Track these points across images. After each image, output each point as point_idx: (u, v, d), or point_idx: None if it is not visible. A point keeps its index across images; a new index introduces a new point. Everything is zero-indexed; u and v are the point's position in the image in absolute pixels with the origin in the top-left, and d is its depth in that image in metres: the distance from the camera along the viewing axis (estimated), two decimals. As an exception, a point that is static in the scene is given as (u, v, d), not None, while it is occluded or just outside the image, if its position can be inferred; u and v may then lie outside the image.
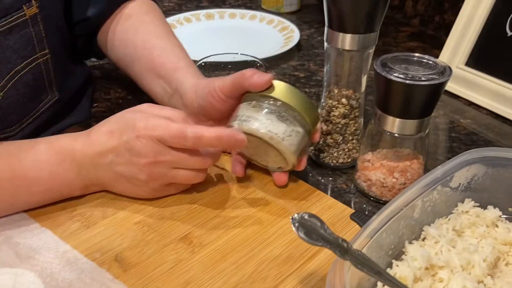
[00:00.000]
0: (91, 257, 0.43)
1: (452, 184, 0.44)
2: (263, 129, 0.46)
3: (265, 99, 0.47)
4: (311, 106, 0.48)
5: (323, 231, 0.32)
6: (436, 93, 0.46)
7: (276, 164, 0.51)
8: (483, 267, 0.39)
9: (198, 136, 0.44)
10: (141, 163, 0.45)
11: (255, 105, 0.47)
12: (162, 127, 0.45)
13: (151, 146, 0.45)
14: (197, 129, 0.44)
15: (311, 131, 0.49)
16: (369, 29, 0.50)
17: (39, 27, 0.52)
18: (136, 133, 0.45)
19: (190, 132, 0.44)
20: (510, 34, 0.67)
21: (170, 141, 0.45)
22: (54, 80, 0.57)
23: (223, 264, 0.43)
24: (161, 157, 0.45)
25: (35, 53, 0.53)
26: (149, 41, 0.60)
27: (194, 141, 0.44)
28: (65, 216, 0.47)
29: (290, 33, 0.89)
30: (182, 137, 0.44)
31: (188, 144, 0.45)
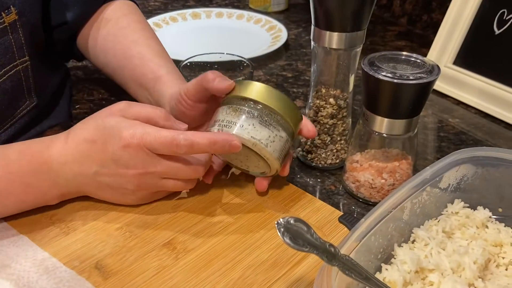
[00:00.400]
0: (70, 265, 0.41)
1: (441, 185, 0.43)
2: (245, 135, 0.44)
3: (246, 102, 0.45)
4: (293, 108, 0.46)
5: (309, 236, 0.31)
6: (425, 92, 0.45)
7: (258, 170, 0.49)
8: (474, 269, 0.38)
9: (190, 143, 0.42)
10: (130, 174, 0.43)
11: (236, 109, 0.45)
12: (152, 135, 0.42)
13: (140, 156, 0.42)
14: (189, 135, 0.42)
15: (294, 134, 0.48)
16: (356, 28, 0.49)
17: (18, 34, 0.50)
18: (123, 142, 0.42)
19: (182, 140, 0.42)
20: (497, 33, 0.67)
21: (161, 150, 0.42)
22: (33, 86, 0.55)
23: (208, 270, 0.42)
24: (150, 168, 0.43)
25: (14, 60, 0.51)
26: (128, 50, 0.58)
27: (187, 148, 0.42)
28: (44, 222, 0.46)
29: (278, 32, 0.88)
30: (174, 144, 0.42)
31: (181, 151, 0.42)
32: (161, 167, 0.43)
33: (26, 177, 0.43)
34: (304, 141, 0.56)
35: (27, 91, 0.55)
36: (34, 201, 0.45)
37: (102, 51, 0.60)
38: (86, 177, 0.44)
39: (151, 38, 0.60)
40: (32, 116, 0.57)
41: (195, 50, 0.69)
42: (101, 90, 0.71)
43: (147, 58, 0.57)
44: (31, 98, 0.56)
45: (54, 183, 0.44)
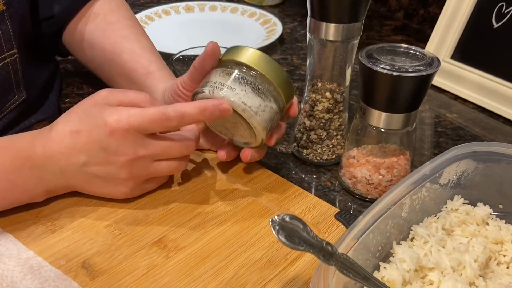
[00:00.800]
0: (56, 264, 0.40)
1: (441, 181, 0.42)
2: (236, 100, 0.43)
3: (242, 68, 0.44)
4: (287, 82, 0.45)
5: (305, 234, 0.30)
6: (424, 85, 0.44)
7: (243, 139, 0.48)
8: (475, 267, 0.37)
9: (181, 114, 0.41)
10: (121, 161, 0.42)
11: (229, 73, 0.43)
12: (138, 115, 0.41)
13: (128, 140, 0.41)
14: (178, 107, 0.41)
15: (284, 108, 0.47)
16: (353, 19, 0.47)
17: (6, 26, 0.49)
18: (109, 129, 0.41)
19: (172, 112, 0.40)
20: (496, 26, 0.66)
21: (151, 128, 0.41)
22: (22, 80, 0.54)
23: (200, 269, 0.40)
24: (141, 151, 0.42)
25: (3, 53, 0.50)
26: (118, 45, 0.57)
27: (178, 120, 0.41)
28: (29, 219, 0.44)
29: (273, 26, 0.87)
30: (164, 118, 0.40)
31: (172, 124, 0.41)
32: (152, 148, 0.42)
33: (10, 174, 0.41)
34: (300, 136, 0.55)
35: (16, 85, 0.53)
36: (19, 198, 0.43)
37: (89, 46, 0.59)
38: (74, 170, 0.42)
39: (141, 35, 0.59)
40: (21, 111, 0.56)
41: (188, 44, 0.67)
42: (91, 84, 0.69)
43: (137, 53, 0.56)
44: (20, 92, 0.55)
45: (39, 179, 0.42)
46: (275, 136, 0.47)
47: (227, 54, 0.45)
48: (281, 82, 0.44)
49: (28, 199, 0.44)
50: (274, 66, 0.44)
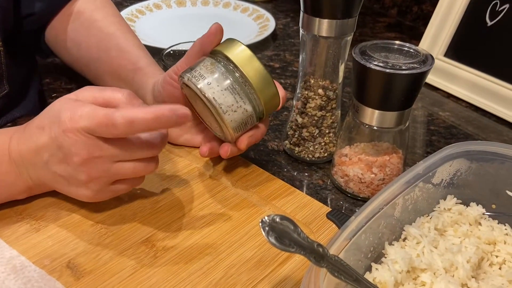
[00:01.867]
0: (40, 264, 0.39)
1: (434, 180, 0.41)
2: (209, 94, 0.42)
3: (226, 63, 0.43)
4: (272, 92, 0.44)
5: (296, 235, 0.29)
6: (418, 83, 0.43)
7: (217, 131, 0.47)
8: (467, 268, 0.36)
9: (129, 121, 0.36)
10: (75, 161, 0.38)
11: (214, 64, 0.43)
12: (88, 116, 0.37)
13: (80, 140, 0.37)
14: (128, 112, 0.36)
15: (263, 114, 0.46)
16: (346, 15, 0.46)
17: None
18: (63, 127, 0.37)
19: (118, 117, 0.36)
20: (490, 24, 0.66)
21: (99, 132, 0.37)
22: (6, 73, 0.53)
23: (189, 269, 0.39)
24: (96, 152, 0.38)
25: None
26: (105, 42, 0.55)
27: (125, 127, 0.36)
28: (13, 217, 0.43)
29: (266, 21, 0.86)
30: (110, 124, 0.36)
31: (119, 132, 0.37)
32: (108, 150, 0.38)
33: None
34: (291, 133, 0.54)
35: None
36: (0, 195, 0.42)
37: (74, 45, 0.58)
38: (41, 168, 0.41)
39: (128, 32, 0.58)
40: (3, 105, 0.55)
41: (179, 38, 0.66)
42: (78, 78, 0.67)
43: (125, 50, 0.55)
44: (3, 85, 0.54)
45: (17, 175, 0.41)
46: (246, 140, 0.45)
47: (222, 45, 0.45)
48: (263, 89, 0.43)
49: (10, 196, 0.42)
50: (261, 72, 0.43)
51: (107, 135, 0.38)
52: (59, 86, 0.66)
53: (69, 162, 0.39)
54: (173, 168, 0.50)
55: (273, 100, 0.45)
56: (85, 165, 0.39)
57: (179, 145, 0.53)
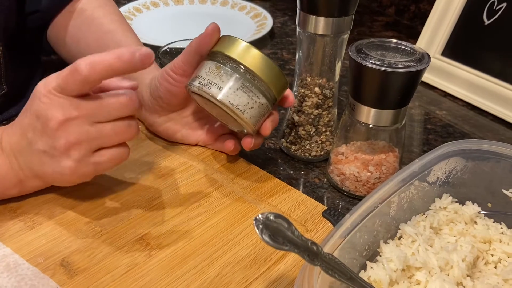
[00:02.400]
0: (33, 262, 0.38)
1: (430, 179, 0.41)
2: (224, 99, 0.43)
3: (230, 63, 0.43)
4: (278, 74, 0.44)
5: (290, 234, 0.29)
6: (414, 81, 0.43)
7: (234, 127, 0.48)
8: (462, 267, 0.36)
9: (91, 62, 0.37)
10: (53, 126, 0.38)
11: (218, 67, 0.43)
12: (56, 75, 0.38)
13: (55, 102, 0.38)
14: (90, 57, 0.37)
15: (276, 99, 0.46)
16: (343, 12, 0.46)
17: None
18: (38, 94, 0.39)
19: (81, 63, 0.37)
20: (487, 23, 0.65)
21: (65, 85, 0.38)
22: (4, 73, 0.53)
23: (183, 268, 0.39)
24: (72, 113, 0.38)
25: None
26: (104, 39, 0.55)
27: (89, 71, 0.36)
28: (7, 215, 0.42)
29: (263, 20, 0.85)
30: (74, 71, 0.37)
31: (82, 76, 0.37)
32: (84, 108, 0.38)
33: None
34: (288, 132, 0.54)
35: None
36: None
37: (74, 42, 0.58)
38: (26, 152, 0.41)
39: (128, 30, 0.58)
40: (1, 104, 0.55)
41: (176, 37, 0.66)
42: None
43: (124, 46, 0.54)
44: (1, 86, 0.53)
45: (8, 167, 0.41)
46: (270, 126, 0.46)
47: (219, 45, 0.44)
48: (271, 76, 0.44)
49: (2, 190, 0.42)
50: (264, 60, 0.43)
51: (75, 86, 0.38)
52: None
53: (47, 130, 0.39)
54: (168, 166, 0.50)
55: (280, 81, 0.45)
56: (63, 129, 0.38)
57: (176, 142, 0.53)
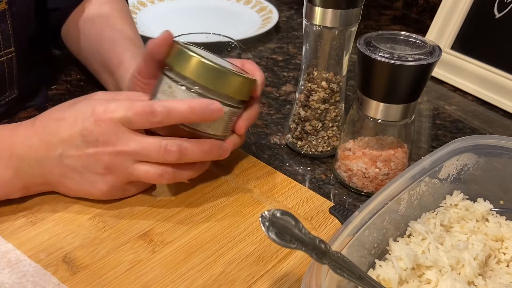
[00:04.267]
0: (35, 258, 0.38)
1: (440, 175, 0.40)
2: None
3: (182, 81, 0.40)
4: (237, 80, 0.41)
5: (297, 231, 0.28)
6: (424, 75, 0.42)
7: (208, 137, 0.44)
8: (474, 266, 0.35)
9: (167, 110, 0.39)
10: (99, 152, 0.39)
11: (172, 86, 0.41)
12: (125, 106, 0.39)
13: (111, 131, 0.39)
14: (165, 102, 0.39)
15: (244, 100, 0.43)
16: (351, 4, 0.45)
17: (6, 24, 0.48)
18: (95, 117, 0.39)
19: (158, 106, 0.39)
20: (498, 16, 0.64)
21: (135, 120, 0.39)
22: (16, 78, 0.53)
23: (187, 265, 0.38)
24: (122, 146, 0.39)
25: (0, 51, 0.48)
26: (102, 34, 0.55)
27: (163, 115, 0.39)
28: (9, 210, 0.42)
29: (269, 14, 0.84)
30: (149, 112, 0.38)
31: (157, 119, 0.39)
32: (133, 145, 0.39)
33: None
34: (294, 127, 0.53)
35: (9, 83, 0.52)
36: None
37: (79, 36, 0.58)
38: (51, 161, 0.40)
39: (128, 25, 0.57)
40: (11, 107, 0.55)
41: (181, 31, 0.65)
42: (78, 70, 0.66)
43: (116, 42, 0.54)
44: (12, 90, 0.53)
45: (16, 171, 0.40)
46: (243, 123, 0.44)
47: (171, 57, 0.41)
48: (229, 85, 0.41)
49: (4, 193, 0.41)
50: (215, 71, 0.40)
51: (143, 123, 0.39)
52: (58, 78, 0.65)
53: (91, 154, 0.39)
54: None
55: (242, 84, 0.42)
56: (108, 158, 0.39)
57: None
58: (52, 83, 0.64)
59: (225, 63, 0.43)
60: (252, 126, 0.57)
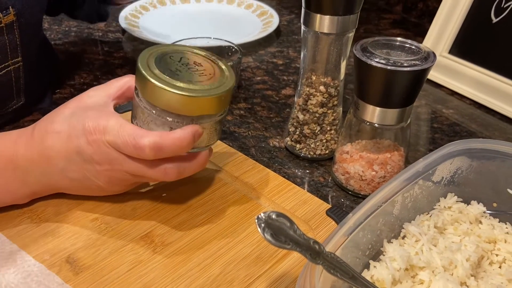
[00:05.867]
0: (39, 259, 0.39)
1: (434, 178, 0.41)
2: None
3: (155, 109, 0.38)
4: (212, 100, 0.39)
5: (292, 232, 0.29)
6: (419, 80, 0.43)
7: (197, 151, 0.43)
8: (466, 267, 0.36)
9: (158, 147, 0.37)
10: (97, 169, 0.39)
11: (146, 114, 0.39)
12: (114, 131, 0.37)
13: (104, 152, 0.38)
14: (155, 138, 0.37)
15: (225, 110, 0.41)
16: (348, 11, 0.46)
17: (14, 35, 0.48)
18: (86, 137, 0.38)
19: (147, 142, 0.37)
20: (495, 21, 0.65)
21: (123, 148, 0.38)
22: (23, 87, 0.53)
23: (187, 265, 0.39)
24: (116, 166, 0.39)
25: (7, 61, 0.49)
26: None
27: (153, 153, 0.37)
28: (14, 212, 0.43)
29: (269, 18, 0.85)
30: (138, 147, 0.37)
31: (146, 156, 0.38)
32: (129, 166, 0.39)
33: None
34: (293, 130, 0.54)
35: (16, 92, 0.53)
36: (2, 199, 0.42)
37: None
38: (55, 174, 0.40)
39: None
40: (17, 114, 0.56)
41: (183, 35, 0.66)
42: (82, 74, 0.68)
43: None
44: (19, 98, 0.54)
45: (23, 182, 0.41)
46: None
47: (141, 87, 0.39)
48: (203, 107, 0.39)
49: (11, 201, 0.42)
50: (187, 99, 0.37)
51: (132, 154, 0.38)
52: (62, 82, 0.66)
53: (90, 170, 0.40)
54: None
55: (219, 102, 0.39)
56: (106, 174, 0.40)
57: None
58: (56, 87, 0.65)
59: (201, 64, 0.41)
60: (252, 129, 0.58)
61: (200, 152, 0.41)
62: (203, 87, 0.39)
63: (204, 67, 0.41)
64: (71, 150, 0.39)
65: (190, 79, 0.39)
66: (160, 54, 0.40)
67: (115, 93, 0.42)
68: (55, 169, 0.40)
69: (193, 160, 0.41)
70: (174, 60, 0.40)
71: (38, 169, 0.40)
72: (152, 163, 0.39)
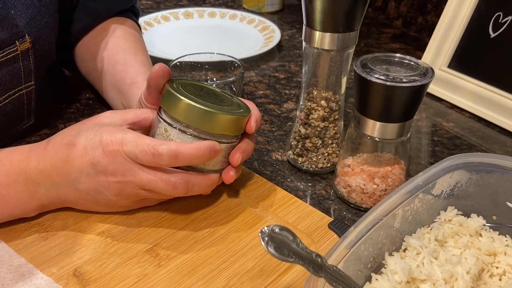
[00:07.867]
0: (47, 272, 0.40)
1: (434, 191, 0.42)
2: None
3: (177, 124, 0.41)
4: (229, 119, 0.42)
5: (295, 246, 0.30)
6: (418, 95, 0.44)
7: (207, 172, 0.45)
8: (467, 280, 0.36)
9: (175, 154, 0.39)
10: (108, 181, 0.41)
11: (168, 130, 0.41)
12: (133, 142, 0.39)
13: (119, 163, 0.40)
14: (172, 145, 0.39)
15: (238, 135, 0.44)
16: (348, 28, 0.47)
17: (29, 61, 0.50)
18: (102, 147, 0.40)
19: (165, 150, 0.39)
20: (493, 36, 0.66)
21: (141, 158, 0.39)
22: (34, 108, 0.55)
23: (191, 278, 0.40)
24: (129, 177, 0.40)
25: (20, 85, 0.50)
26: (115, 56, 0.57)
27: (171, 159, 0.39)
28: (22, 226, 0.44)
29: (271, 33, 0.87)
30: (156, 154, 0.39)
31: (164, 162, 0.39)
32: (140, 178, 0.40)
33: (3, 188, 0.41)
34: (295, 144, 0.55)
35: (27, 113, 0.54)
36: (11, 212, 0.42)
37: (91, 57, 0.60)
38: (65, 186, 0.42)
39: (140, 50, 0.60)
40: (25, 133, 0.57)
41: (186, 50, 0.68)
42: (88, 89, 0.69)
43: (129, 64, 0.56)
44: (29, 119, 0.55)
45: (32, 193, 0.42)
46: (239, 156, 0.44)
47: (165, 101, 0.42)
48: (222, 125, 0.42)
49: (20, 214, 0.43)
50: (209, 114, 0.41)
51: (150, 163, 0.40)
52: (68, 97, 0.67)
53: (101, 181, 0.41)
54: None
55: (237, 122, 0.43)
56: (116, 186, 0.41)
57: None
58: (62, 102, 0.66)
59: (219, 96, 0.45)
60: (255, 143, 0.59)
61: (205, 172, 0.43)
62: (225, 108, 0.43)
63: (222, 98, 0.45)
64: (86, 162, 0.40)
65: (212, 102, 0.43)
66: (183, 83, 0.44)
67: (132, 119, 0.44)
68: (66, 179, 0.41)
69: (203, 179, 0.42)
70: (196, 89, 0.44)
71: (49, 180, 0.41)
72: (163, 177, 0.40)
